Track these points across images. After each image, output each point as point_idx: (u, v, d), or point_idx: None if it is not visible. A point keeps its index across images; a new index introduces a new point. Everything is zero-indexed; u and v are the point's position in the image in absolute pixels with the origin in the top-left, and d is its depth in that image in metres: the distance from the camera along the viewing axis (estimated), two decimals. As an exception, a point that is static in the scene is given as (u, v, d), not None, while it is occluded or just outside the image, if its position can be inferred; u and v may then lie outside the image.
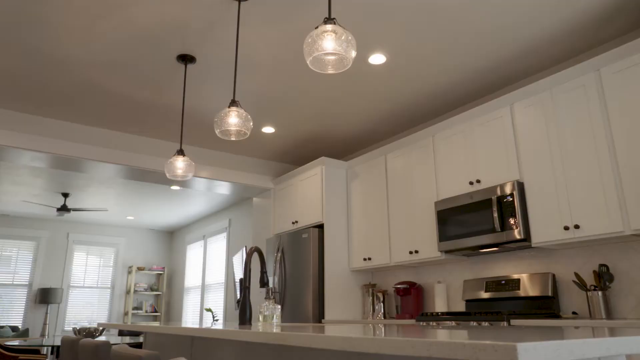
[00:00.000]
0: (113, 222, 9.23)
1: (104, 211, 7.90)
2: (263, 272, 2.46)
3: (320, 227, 4.77)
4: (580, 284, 2.99)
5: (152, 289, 9.69)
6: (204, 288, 8.46)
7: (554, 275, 3.26)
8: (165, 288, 9.81)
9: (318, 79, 3.78)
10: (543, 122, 3.20)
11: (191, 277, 9.05)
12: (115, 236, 9.60)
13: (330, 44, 1.77)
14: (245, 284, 2.29)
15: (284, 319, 4.68)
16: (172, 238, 10.27)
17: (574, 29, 3.15)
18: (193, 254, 9.17)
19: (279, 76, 3.72)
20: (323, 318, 4.41)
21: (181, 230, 9.87)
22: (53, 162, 4.66)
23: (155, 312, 9.58)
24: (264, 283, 2.47)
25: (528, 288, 3.34)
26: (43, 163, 4.69)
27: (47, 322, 8.31)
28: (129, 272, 9.52)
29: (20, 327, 8.27)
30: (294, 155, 5.59)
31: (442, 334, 1.04)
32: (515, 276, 3.45)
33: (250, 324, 2.24)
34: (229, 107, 2.51)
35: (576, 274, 3.01)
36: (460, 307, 3.90)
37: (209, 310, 7.81)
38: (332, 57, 1.84)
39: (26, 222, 8.76)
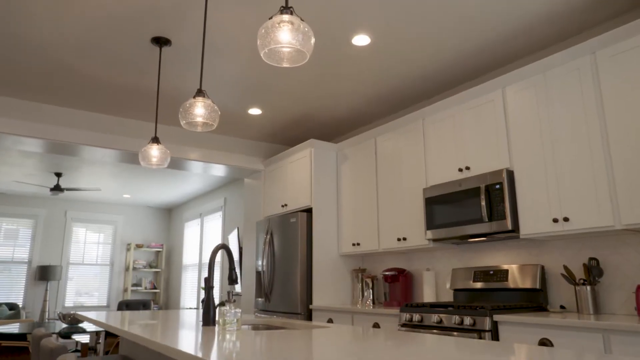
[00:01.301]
0: (110, 200, 9.21)
1: (98, 190, 7.85)
2: (231, 270, 2.37)
3: (309, 211, 4.67)
4: (569, 277, 2.88)
5: (151, 266, 9.73)
6: (201, 266, 8.48)
7: (542, 267, 3.15)
8: (164, 265, 9.85)
9: (302, 61, 3.60)
10: (535, 108, 3.03)
11: (189, 254, 9.06)
12: (114, 214, 9.60)
13: (285, 36, 1.62)
14: (209, 283, 2.20)
15: (273, 303, 4.64)
16: (170, 215, 10.26)
17: (570, 8, 2.94)
18: (191, 231, 9.16)
19: (261, 58, 3.55)
20: (311, 303, 4.35)
21: (179, 207, 9.84)
22: (40, 145, 4.55)
23: (155, 288, 9.65)
24: (232, 280, 2.38)
25: (516, 279, 3.23)
26: (28, 146, 4.59)
27: (47, 299, 8.40)
28: (128, 250, 9.55)
29: (20, 304, 8.37)
30: (283, 136, 5.45)
31: None
32: (505, 267, 3.35)
33: (214, 324, 2.16)
34: (194, 97, 2.36)
35: (565, 267, 2.89)
36: (449, 296, 3.82)
37: (204, 289, 7.82)
38: (287, 50, 1.69)
39: (24, 200, 8.76)
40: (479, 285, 3.45)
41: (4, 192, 8.51)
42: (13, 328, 4.01)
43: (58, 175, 7.00)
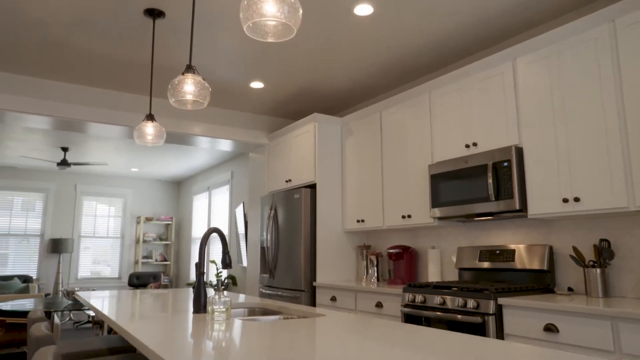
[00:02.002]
0: (119, 173, 9.22)
1: (105, 165, 7.83)
2: (225, 253, 2.30)
3: (313, 187, 4.58)
4: (578, 259, 2.77)
5: (161, 239, 9.81)
6: (209, 239, 8.51)
7: (551, 248, 3.04)
8: (173, 237, 9.92)
9: (302, 32, 3.44)
10: (547, 81, 2.86)
11: (198, 227, 9.09)
12: (123, 187, 9.63)
13: (270, 9, 1.49)
14: (200, 269, 2.14)
15: (277, 280, 4.62)
16: (179, 188, 10.26)
17: (588, -29, 2.72)
18: (199, 205, 9.17)
19: (258, 29, 3.39)
20: (315, 280, 4.31)
21: (187, 181, 9.83)
22: (43, 122, 4.48)
23: (165, 260, 9.75)
24: (226, 264, 2.32)
25: (524, 260, 3.13)
26: (30, 123, 4.52)
27: (61, 271, 8.54)
28: (138, 222, 9.62)
29: (35, 276, 8.53)
30: (287, 110, 5.31)
31: None
32: (512, 246, 3.24)
33: (205, 311, 2.11)
34: (183, 73, 2.25)
35: (574, 248, 2.78)
36: (454, 274, 3.74)
37: (212, 262, 7.88)
38: (273, 23, 1.56)
39: (34, 174, 8.80)
40: (484, 264, 3.36)
41: (14, 166, 8.55)
42: (23, 303, 4.05)
43: (64, 149, 6.97)
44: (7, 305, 3.76)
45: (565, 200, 2.68)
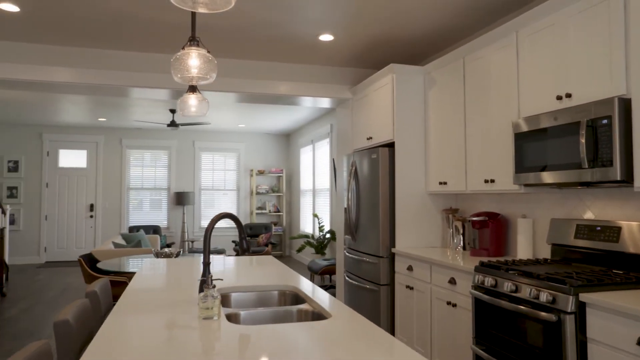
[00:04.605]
0: (230, 129, 9.63)
1: (208, 124, 8.18)
2: (242, 239, 2.15)
3: (392, 145, 4.19)
4: None
5: (273, 191, 10.18)
6: (314, 192, 8.56)
7: (670, 228, 2.33)
8: (285, 189, 10.22)
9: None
10: (669, 5, 2.07)
11: (305, 179, 9.21)
12: (235, 141, 10.08)
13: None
14: (205, 259, 2.01)
15: (359, 243, 4.41)
16: (288, 141, 10.43)
17: None
18: (305, 158, 9.23)
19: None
20: (394, 246, 4.02)
21: (295, 133, 9.91)
22: (163, 94, 4.84)
23: (278, 211, 10.14)
24: (244, 250, 2.17)
25: (634, 241, 2.47)
26: (152, 95, 4.87)
27: (185, 222, 9.40)
28: (251, 175, 10.07)
29: (163, 226, 9.52)
30: (368, 60, 4.85)
31: None
32: (618, 223, 2.57)
33: (214, 304, 2.00)
34: (183, 47, 2.05)
35: (701, 232, 2.08)
36: (546, 251, 3.15)
37: (315, 215, 7.93)
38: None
39: (157, 133, 9.63)
40: (581, 242, 2.74)
41: (140, 128, 9.42)
42: (125, 262, 4.47)
43: (172, 111, 7.41)
44: (107, 265, 4.16)
45: (686, 171, 1.99)
